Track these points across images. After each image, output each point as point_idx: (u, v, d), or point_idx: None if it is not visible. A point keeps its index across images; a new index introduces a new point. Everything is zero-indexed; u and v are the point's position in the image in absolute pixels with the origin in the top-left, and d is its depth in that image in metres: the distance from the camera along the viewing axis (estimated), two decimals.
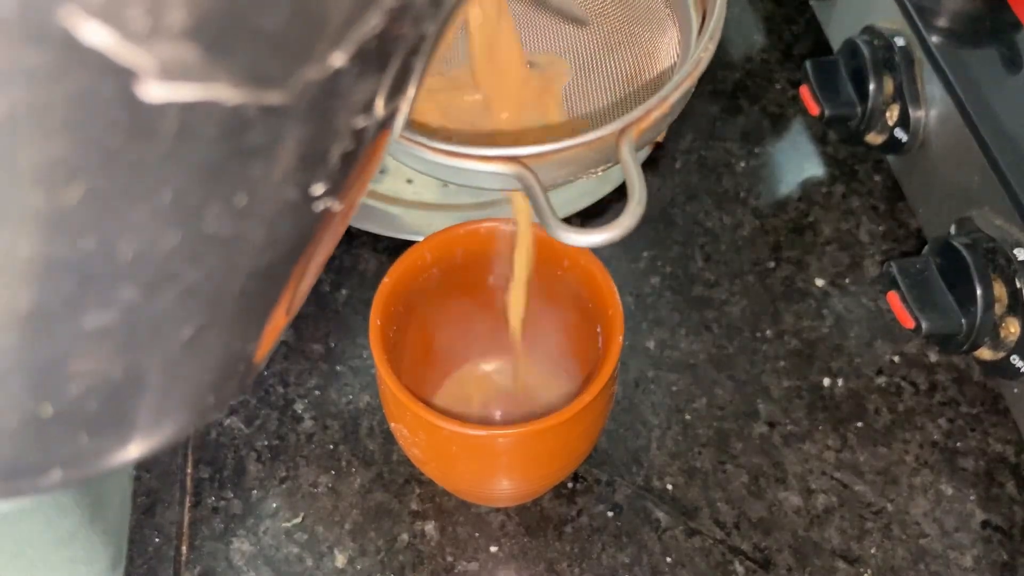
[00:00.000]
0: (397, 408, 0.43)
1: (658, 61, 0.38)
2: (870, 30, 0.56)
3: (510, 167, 0.33)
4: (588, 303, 0.46)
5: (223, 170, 0.17)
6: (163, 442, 0.21)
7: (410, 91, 0.20)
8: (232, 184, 0.17)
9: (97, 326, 0.18)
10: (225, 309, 0.20)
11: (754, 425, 0.51)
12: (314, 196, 0.19)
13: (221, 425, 0.52)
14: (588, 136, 0.32)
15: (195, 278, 0.18)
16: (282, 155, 0.18)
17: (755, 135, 0.63)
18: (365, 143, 0.20)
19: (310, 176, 0.19)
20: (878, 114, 0.56)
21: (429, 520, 0.49)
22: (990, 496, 0.49)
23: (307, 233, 0.20)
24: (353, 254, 0.58)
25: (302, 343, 0.54)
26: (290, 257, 0.20)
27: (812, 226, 0.59)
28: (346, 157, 0.19)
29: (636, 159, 0.32)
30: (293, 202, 0.19)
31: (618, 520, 0.49)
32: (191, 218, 0.17)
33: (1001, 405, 0.52)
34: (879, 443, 0.51)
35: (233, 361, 0.22)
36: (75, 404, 0.19)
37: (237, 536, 0.48)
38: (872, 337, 0.54)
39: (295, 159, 0.18)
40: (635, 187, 0.31)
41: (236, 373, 0.22)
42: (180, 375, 0.20)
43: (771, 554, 0.47)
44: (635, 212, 0.31)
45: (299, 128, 0.17)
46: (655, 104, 0.33)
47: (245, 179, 0.17)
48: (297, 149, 0.18)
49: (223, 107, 0.16)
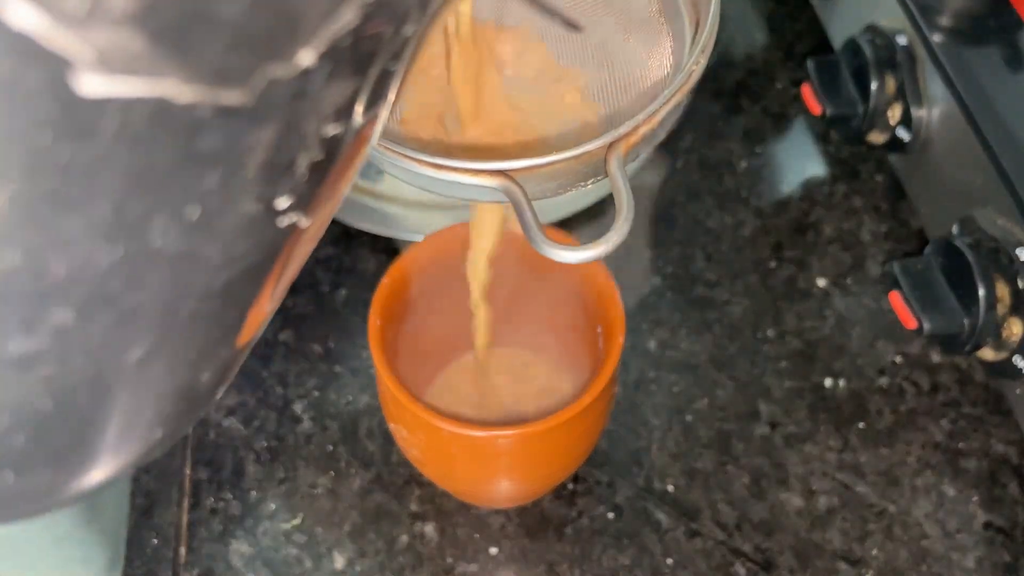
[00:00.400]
0: (396, 409, 0.43)
1: (652, 71, 0.38)
2: (872, 29, 0.56)
3: (496, 180, 0.32)
4: (589, 303, 0.45)
5: (172, 178, 0.15)
6: (104, 481, 0.19)
7: (389, 98, 0.18)
8: (183, 194, 0.16)
9: (22, 352, 0.16)
10: (174, 335, 0.18)
11: (755, 426, 0.51)
12: (278, 210, 0.17)
13: (220, 426, 0.51)
14: (576, 151, 0.32)
15: (139, 299, 0.16)
16: (241, 163, 0.16)
17: (757, 134, 0.63)
18: (337, 153, 0.18)
19: (273, 188, 0.17)
20: (880, 113, 0.55)
21: (429, 521, 0.48)
22: (992, 497, 0.49)
23: (270, 251, 0.18)
24: (352, 254, 0.57)
25: (301, 343, 0.54)
26: (251, 277, 0.18)
27: (814, 226, 0.59)
28: (315, 168, 0.17)
29: (624, 174, 0.32)
30: (254, 216, 0.17)
31: (619, 521, 0.48)
32: (134, 232, 0.15)
33: (1004, 406, 0.51)
34: (881, 444, 0.50)
35: (184, 392, 0.20)
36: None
37: (236, 537, 0.48)
38: (874, 337, 0.54)
39: (256, 168, 0.16)
40: (623, 203, 0.31)
41: (187, 405, 0.20)
42: (123, 408, 0.18)
43: (773, 555, 0.47)
44: (622, 229, 0.30)
45: (261, 133, 0.16)
46: (643, 120, 0.33)
47: (198, 189, 0.16)
48: (259, 157, 0.16)
49: (172, 106, 0.14)
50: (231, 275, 0.18)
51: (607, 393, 0.42)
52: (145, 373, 0.18)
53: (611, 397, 0.44)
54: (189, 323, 0.18)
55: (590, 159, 0.33)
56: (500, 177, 0.32)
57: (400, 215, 0.58)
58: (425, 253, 0.46)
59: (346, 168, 0.19)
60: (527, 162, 0.32)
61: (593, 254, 0.30)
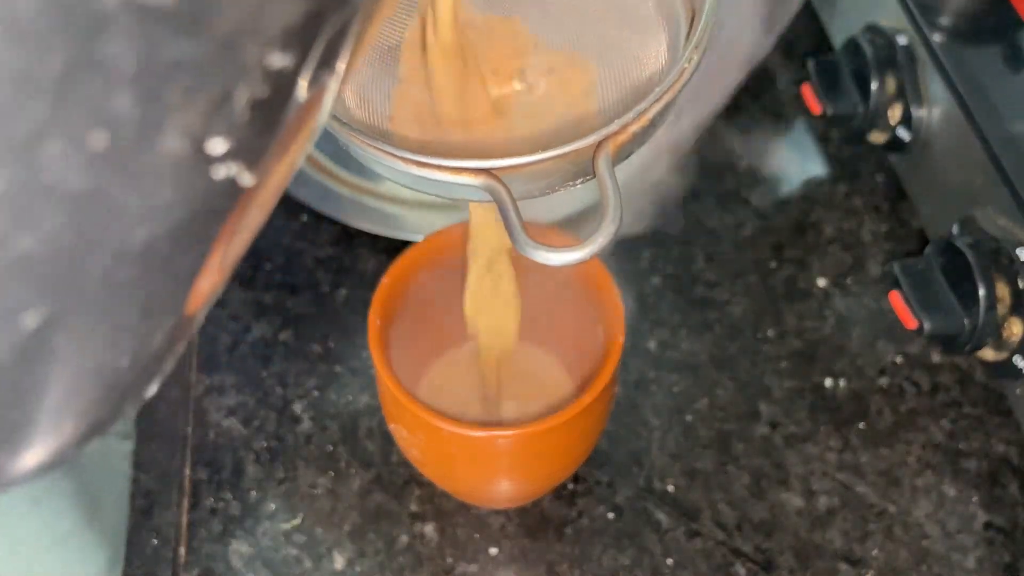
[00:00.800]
0: (396, 409, 0.43)
1: (646, 67, 0.37)
2: (872, 28, 0.56)
3: (480, 179, 0.31)
4: (589, 303, 0.45)
5: (68, 88, 0.12)
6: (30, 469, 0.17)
7: (338, 68, 0.16)
8: (84, 114, 0.13)
9: None
10: (84, 298, 0.15)
11: (756, 426, 0.51)
12: (212, 156, 0.14)
13: (219, 426, 0.51)
14: (563, 149, 0.31)
15: (30, 245, 0.14)
16: (161, 83, 0.13)
17: (757, 134, 0.63)
18: (285, 98, 0.15)
19: (204, 124, 0.14)
20: (880, 113, 0.55)
21: (429, 521, 0.48)
22: (993, 497, 0.49)
23: (205, 210, 0.15)
24: (352, 254, 0.57)
25: (300, 343, 0.54)
26: (180, 241, 0.15)
27: (814, 226, 0.59)
28: (258, 109, 0.14)
29: (613, 174, 0.31)
30: (180, 158, 0.14)
31: (619, 522, 0.48)
32: (20, 156, 0.13)
33: (1004, 406, 0.51)
34: (881, 444, 0.50)
35: (102, 377, 0.16)
36: None
37: (235, 538, 0.48)
38: (874, 337, 0.54)
39: (182, 94, 0.13)
40: (610, 204, 0.30)
41: (106, 393, 0.17)
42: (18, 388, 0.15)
43: (773, 556, 0.47)
44: (608, 230, 0.29)
45: (187, 47, 0.13)
46: (632, 118, 0.31)
47: (104, 110, 0.13)
48: (185, 79, 0.13)
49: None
50: (153, 232, 0.15)
51: (607, 393, 0.42)
52: (47, 345, 0.15)
53: (611, 397, 0.44)
54: (100, 289, 0.15)
55: (578, 158, 0.32)
56: (484, 176, 0.31)
57: (400, 215, 0.58)
58: (425, 253, 0.46)
59: (297, 128, 0.16)
60: (511, 161, 0.31)
61: (577, 256, 0.29)
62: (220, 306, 0.56)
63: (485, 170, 0.31)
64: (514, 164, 0.31)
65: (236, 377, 0.53)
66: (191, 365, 0.53)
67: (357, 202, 0.58)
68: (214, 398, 0.52)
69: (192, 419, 0.52)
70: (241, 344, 0.54)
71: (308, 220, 0.59)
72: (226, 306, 0.56)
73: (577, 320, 0.47)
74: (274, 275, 0.57)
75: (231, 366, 0.53)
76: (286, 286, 0.56)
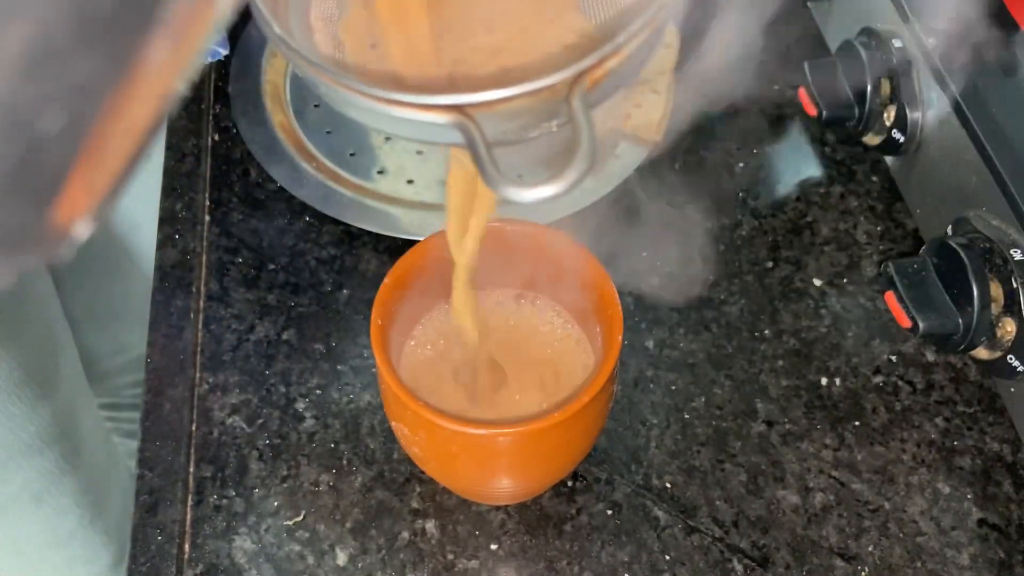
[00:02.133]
0: (398, 407, 0.43)
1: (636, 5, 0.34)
2: (868, 32, 0.56)
3: (450, 116, 0.29)
4: (588, 303, 0.46)
5: None
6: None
7: None
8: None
9: None
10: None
11: (752, 424, 0.52)
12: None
13: (223, 424, 0.52)
14: (537, 83, 0.29)
15: None
16: None
17: (754, 136, 0.63)
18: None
19: None
20: (876, 115, 0.56)
21: (430, 518, 0.49)
22: (987, 495, 0.49)
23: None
24: (354, 254, 0.58)
25: (303, 343, 0.55)
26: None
27: (810, 226, 0.59)
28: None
29: (587, 111, 0.29)
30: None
31: (617, 518, 0.49)
32: None
33: (998, 404, 0.52)
34: (876, 442, 0.51)
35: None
36: None
37: (239, 534, 0.48)
38: (870, 337, 0.55)
39: None
40: (583, 139, 0.28)
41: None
42: None
43: (769, 552, 0.48)
44: (580, 166, 0.28)
45: None
46: (609, 51, 0.30)
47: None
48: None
49: None
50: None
51: (606, 391, 0.43)
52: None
53: (610, 395, 0.45)
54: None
55: (552, 96, 0.30)
56: (454, 112, 0.29)
57: (401, 216, 0.58)
58: (426, 253, 0.46)
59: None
60: (482, 96, 0.29)
61: (549, 192, 0.28)
62: (224, 306, 0.56)
63: (456, 106, 0.29)
64: (485, 100, 0.29)
65: (240, 376, 0.53)
66: (195, 364, 0.54)
67: (358, 203, 0.59)
68: (218, 397, 0.53)
69: (196, 417, 0.52)
70: (245, 343, 0.55)
71: (311, 221, 0.59)
72: (230, 306, 0.56)
73: (577, 319, 0.48)
74: (277, 275, 0.57)
75: (235, 365, 0.54)
76: (289, 286, 0.57)
